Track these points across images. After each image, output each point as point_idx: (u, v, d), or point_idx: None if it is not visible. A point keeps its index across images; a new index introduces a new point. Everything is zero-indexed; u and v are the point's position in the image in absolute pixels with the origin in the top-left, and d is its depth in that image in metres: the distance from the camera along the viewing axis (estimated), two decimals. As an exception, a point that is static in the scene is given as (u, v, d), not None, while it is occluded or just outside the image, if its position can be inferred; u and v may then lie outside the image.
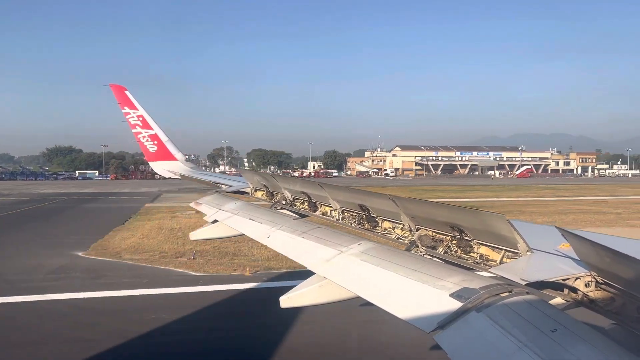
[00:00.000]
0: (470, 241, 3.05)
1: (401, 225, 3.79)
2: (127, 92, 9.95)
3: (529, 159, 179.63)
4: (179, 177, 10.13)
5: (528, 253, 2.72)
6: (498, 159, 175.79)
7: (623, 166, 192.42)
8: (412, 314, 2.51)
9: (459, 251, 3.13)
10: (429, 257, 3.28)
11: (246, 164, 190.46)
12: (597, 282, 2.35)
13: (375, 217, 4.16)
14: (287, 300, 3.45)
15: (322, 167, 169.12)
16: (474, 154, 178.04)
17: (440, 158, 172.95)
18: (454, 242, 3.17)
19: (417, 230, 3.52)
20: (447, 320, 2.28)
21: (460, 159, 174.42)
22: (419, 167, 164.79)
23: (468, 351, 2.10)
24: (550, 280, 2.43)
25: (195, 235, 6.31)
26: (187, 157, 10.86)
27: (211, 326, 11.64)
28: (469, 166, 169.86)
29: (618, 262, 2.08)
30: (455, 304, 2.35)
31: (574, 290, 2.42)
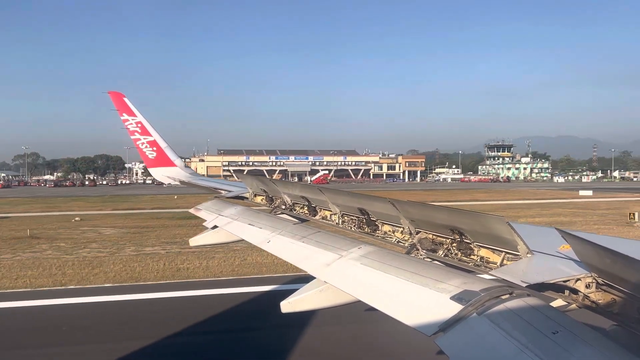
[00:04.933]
0: (470, 244, 3.05)
1: (401, 229, 3.79)
2: (126, 99, 9.98)
3: (353, 163, 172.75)
4: (179, 183, 10.13)
5: (528, 255, 2.72)
6: (318, 163, 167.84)
7: (456, 170, 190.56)
8: (413, 317, 2.50)
9: (459, 254, 3.13)
10: (429, 260, 3.28)
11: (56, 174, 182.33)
12: (597, 283, 2.35)
13: (375, 221, 4.16)
14: (287, 305, 3.45)
15: (144, 173, 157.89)
16: (291, 158, 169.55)
17: (251, 163, 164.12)
18: (454, 244, 3.16)
19: (417, 233, 3.51)
20: (449, 323, 2.28)
21: (273, 163, 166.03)
22: (229, 174, 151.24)
23: (469, 354, 2.10)
24: (551, 282, 2.43)
25: (195, 241, 6.30)
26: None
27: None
28: (277, 171, 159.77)
29: (619, 263, 2.08)
30: (456, 307, 2.35)
31: (574, 291, 2.42)
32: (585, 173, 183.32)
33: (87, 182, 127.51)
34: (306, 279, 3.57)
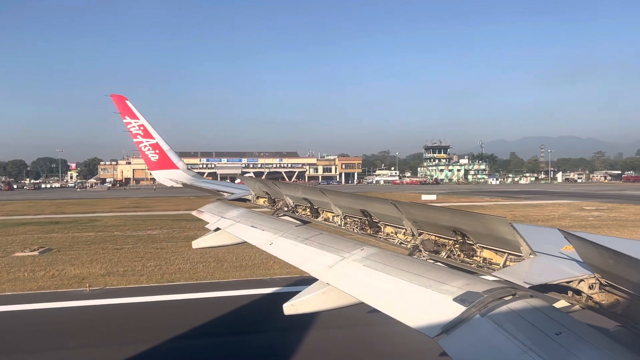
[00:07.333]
0: (473, 245, 3.04)
1: (403, 230, 3.79)
2: (128, 102, 9.99)
3: (289, 165, 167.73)
4: (181, 186, 10.14)
5: (531, 256, 2.71)
6: (252, 165, 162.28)
7: (394, 172, 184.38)
8: (416, 319, 2.50)
9: (462, 255, 3.12)
10: (431, 261, 3.27)
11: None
12: (601, 284, 2.34)
13: (378, 223, 4.16)
14: (290, 308, 3.44)
15: (78, 176, 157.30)
16: (224, 160, 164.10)
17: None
18: (457, 246, 3.16)
19: (420, 234, 3.51)
20: (451, 325, 2.27)
21: (203, 166, 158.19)
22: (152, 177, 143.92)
23: (472, 355, 2.09)
24: (554, 282, 2.42)
25: (198, 243, 6.31)
26: None
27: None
28: (206, 174, 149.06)
29: (622, 264, 2.07)
30: (459, 309, 2.35)
31: (577, 292, 2.41)
32: (525, 174, 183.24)
33: (1, 187, 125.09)
34: (309, 281, 3.56)
